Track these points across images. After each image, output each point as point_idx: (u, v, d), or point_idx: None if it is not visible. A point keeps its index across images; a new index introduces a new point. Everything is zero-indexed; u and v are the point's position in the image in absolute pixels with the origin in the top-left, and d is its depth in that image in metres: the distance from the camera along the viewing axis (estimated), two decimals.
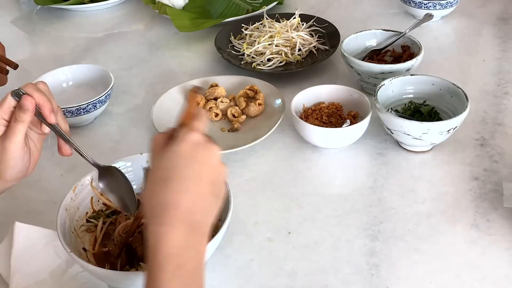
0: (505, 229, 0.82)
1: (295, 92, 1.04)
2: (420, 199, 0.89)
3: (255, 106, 1.08)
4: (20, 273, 0.76)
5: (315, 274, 0.78)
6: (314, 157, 0.99)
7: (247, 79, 1.16)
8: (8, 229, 0.82)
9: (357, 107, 1.03)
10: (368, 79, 1.10)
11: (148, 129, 1.08)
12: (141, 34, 1.49)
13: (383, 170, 0.95)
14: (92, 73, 1.17)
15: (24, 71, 1.35)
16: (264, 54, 1.24)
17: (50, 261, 0.77)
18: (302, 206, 0.89)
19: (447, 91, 1.00)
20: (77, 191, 0.79)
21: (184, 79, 1.21)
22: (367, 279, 0.76)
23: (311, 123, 0.99)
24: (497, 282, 0.75)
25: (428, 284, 0.75)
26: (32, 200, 0.90)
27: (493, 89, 1.14)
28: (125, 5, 1.66)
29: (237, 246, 0.82)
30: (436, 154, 0.98)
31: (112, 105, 1.16)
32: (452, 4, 1.37)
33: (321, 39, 1.30)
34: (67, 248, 0.70)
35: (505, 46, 1.29)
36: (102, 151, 1.03)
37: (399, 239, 0.82)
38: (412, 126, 0.91)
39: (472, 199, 0.88)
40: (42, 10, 1.66)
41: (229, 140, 1.02)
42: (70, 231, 0.76)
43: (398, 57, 1.17)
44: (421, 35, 1.26)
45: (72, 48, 1.43)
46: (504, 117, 1.06)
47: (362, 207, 0.88)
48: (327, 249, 0.81)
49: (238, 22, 1.38)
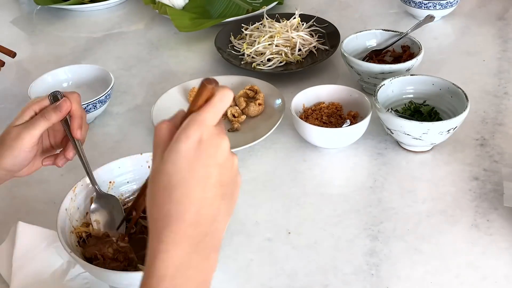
0: (505, 229, 0.82)
1: (295, 92, 1.04)
2: (420, 199, 0.89)
3: (255, 106, 1.08)
4: (21, 273, 0.76)
5: (315, 274, 0.78)
6: (314, 157, 0.99)
7: (247, 79, 1.16)
8: (8, 229, 0.82)
9: (357, 107, 1.03)
10: (368, 79, 1.10)
11: (148, 129, 1.08)
12: (141, 34, 1.49)
13: (383, 170, 0.95)
14: (92, 73, 1.17)
15: (24, 71, 1.36)
16: (264, 54, 1.24)
17: (52, 262, 0.77)
18: (302, 206, 0.89)
19: (447, 91, 0.99)
20: (77, 191, 0.79)
21: (184, 79, 1.22)
22: (367, 279, 0.76)
23: (311, 123, 0.99)
24: (497, 282, 0.75)
25: (428, 284, 0.75)
26: (32, 200, 0.90)
27: (493, 89, 1.14)
28: (125, 5, 1.66)
29: (237, 246, 0.82)
30: (436, 154, 0.98)
31: (112, 105, 1.16)
32: (452, 4, 1.37)
33: (321, 39, 1.30)
34: (67, 248, 0.70)
35: (505, 46, 1.29)
36: (102, 151, 1.03)
37: (399, 239, 0.82)
38: (412, 126, 0.91)
39: (472, 199, 0.88)
40: (42, 10, 1.66)
41: (229, 140, 1.02)
42: (70, 231, 0.76)
43: (398, 57, 1.17)
44: (421, 35, 1.26)
45: (72, 48, 1.43)
46: (504, 117, 1.06)
47: (362, 207, 0.88)
48: (327, 249, 0.81)
49: (238, 22, 1.38)
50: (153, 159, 0.51)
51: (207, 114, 0.50)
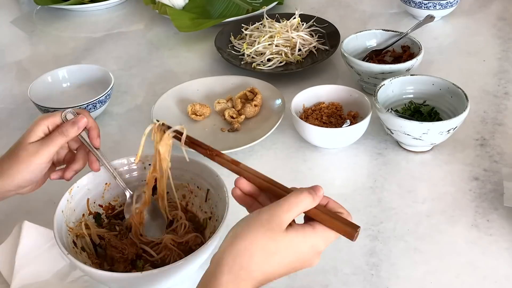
0: (505, 229, 0.82)
1: (295, 92, 1.04)
2: (420, 199, 0.89)
3: (251, 107, 1.08)
4: (23, 273, 0.76)
5: (315, 274, 0.77)
6: (314, 157, 0.99)
7: (247, 79, 1.15)
8: (8, 229, 0.82)
9: (357, 107, 1.03)
10: (368, 79, 1.10)
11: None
12: (141, 34, 1.50)
13: (383, 170, 0.95)
14: (92, 73, 1.17)
15: (24, 71, 1.36)
16: (264, 54, 1.24)
17: (54, 263, 0.77)
18: None
19: (447, 91, 0.99)
20: (73, 193, 0.78)
21: (184, 79, 1.22)
22: (367, 279, 0.76)
23: (311, 123, 0.99)
24: (497, 282, 0.75)
25: (428, 284, 0.75)
26: (32, 200, 0.90)
27: (493, 89, 1.14)
28: (125, 5, 1.66)
29: None
30: (436, 154, 0.98)
31: (112, 105, 1.16)
32: (452, 4, 1.37)
33: (321, 39, 1.30)
34: (63, 250, 0.69)
35: (505, 46, 1.29)
36: (102, 151, 1.03)
37: (399, 239, 0.82)
38: (412, 126, 0.91)
39: (472, 199, 0.88)
40: (42, 10, 1.66)
41: (229, 140, 1.02)
42: (67, 233, 0.75)
43: (398, 57, 1.17)
44: (421, 35, 1.26)
45: (72, 48, 1.43)
46: (504, 117, 1.06)
47: (362, 207, 0.88)
48: (327, 249, 0.80)
49: (238, 22, 1.38)
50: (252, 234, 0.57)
51: (330, 233, 0.60)
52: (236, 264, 0.55)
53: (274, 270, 0.57)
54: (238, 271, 0.55)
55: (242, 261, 0.55)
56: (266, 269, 0.56)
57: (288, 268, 0.58)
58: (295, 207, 0.58)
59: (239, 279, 0.55)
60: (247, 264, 0.55)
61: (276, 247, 0.56)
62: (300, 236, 0.58)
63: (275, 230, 0.57)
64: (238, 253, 0.56)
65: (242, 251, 0.56)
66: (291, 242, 0.57)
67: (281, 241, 0.57)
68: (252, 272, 0.55)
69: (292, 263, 0.58)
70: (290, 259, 0.58)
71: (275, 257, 0.57)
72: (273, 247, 0.56)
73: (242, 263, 0.55)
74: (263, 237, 0.56)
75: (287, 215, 0.57)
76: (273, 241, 0.56)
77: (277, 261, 0.57)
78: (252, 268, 0.55)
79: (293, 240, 0.57)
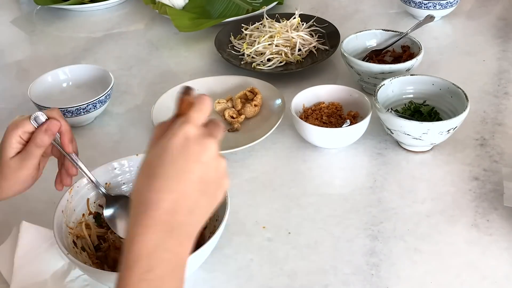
0: (505, 229, 0.82)
1: (295, 92, 1.04)
2: (420, 199, 0.89)
3: (251, 107, 1.08)
4: (22, 273, 0.76)
5: (315, 274, 0.78)
6: (314, 157, 0.99)
7: (247, 79, 1.15)
8: (8, 229, 0.82)
9: (357, 107, 1.03)
10: (368, 79, 1.10)
11: (148, 129, 1.08)
12: (141, 34, 1.49)
13: (383, 170, 0.95)
14: (92, 73, 1.17)
15: (24, 71, 1.36)
16: (264, 54, 1.24)
17: (53, 263, 0.77)
18: (302, 206, 0.89)
19: (447, 91, 1.00)
20: (73, 193, 0.79)
21: (184, 79, 1.21)
22: (367, 279, 0.76)
23: (311, 123, 0.99)
24: (497, 282, 0.75)
25: (428, 284, 0.75)
26: (32, 200, 0.90)
27: (493, 89, 1.14)
28: (125, 5, 1.66)
29: (237, 246, 0.82)
30: (436, 154, 0.98)
31: (112, 105, 1.16)
32: (452, 4, 1.37)
33: (321, 39, 1.30)
34: (64, 250, 0.69)
35: (505, 46, 1.29)
36: (102, 151, 1.03)
37: (399, 239, 0.82)
38: (412, 126, 0.91)
39: (472, 199, 0.88)
40: (42, 10, 1.66)
41: (229, 140, 1.02)
42: (67, 233, 0.75)
43: (398, 57, 1.17)
44: (421, 35, 1.26)
45: (72, 48, 1.43)
46: (504, 117, 1.06)
47: (362, 207, 0.88)
48: (327, 249, 0.81)
49: (238, 22, 1.38)
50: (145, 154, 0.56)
51: (192, 113, 0.54)
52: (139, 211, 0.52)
53: (179, 192, 0.52)
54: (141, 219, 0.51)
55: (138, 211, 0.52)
56: (159, 196, 0.52)
57: (193, 181, 0.53)
58: None
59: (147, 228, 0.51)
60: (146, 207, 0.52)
61: (152, 160, 0.53)
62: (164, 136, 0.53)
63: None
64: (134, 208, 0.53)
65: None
66: (159, 145, 0.53)
67: (151, 151, 0.54)
68: (154, 213, 0.51)
69: (188, 169, 0.52)
70: (179, 165, 0.52)
71: (160, 171, 0.52)
72: (150, 163, 0.53)
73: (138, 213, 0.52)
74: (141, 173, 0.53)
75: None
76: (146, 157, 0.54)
77: (166, 176, 0.52)
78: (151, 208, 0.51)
79: (161, 142, 0.53)
